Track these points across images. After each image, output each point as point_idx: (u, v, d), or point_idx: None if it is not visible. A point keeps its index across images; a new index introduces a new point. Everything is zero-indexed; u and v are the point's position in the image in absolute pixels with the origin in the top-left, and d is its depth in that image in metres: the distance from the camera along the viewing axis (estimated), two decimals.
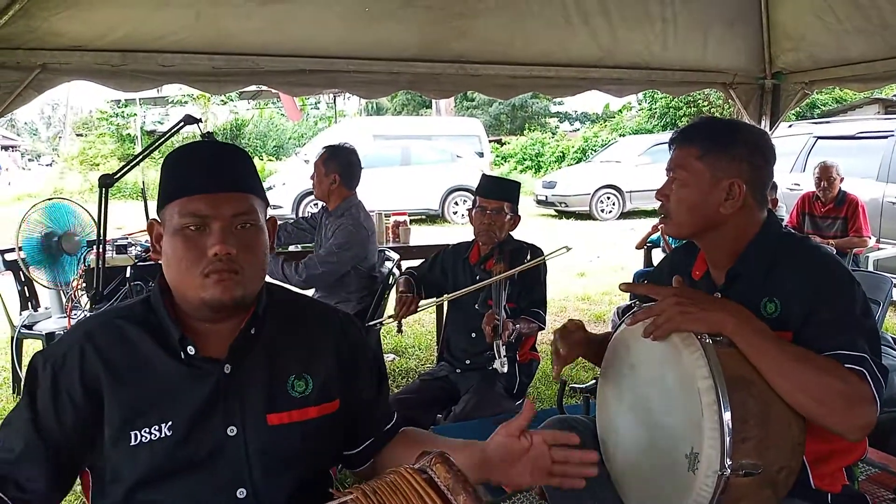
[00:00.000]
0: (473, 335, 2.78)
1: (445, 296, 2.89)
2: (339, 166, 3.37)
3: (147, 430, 1.15)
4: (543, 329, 2.79)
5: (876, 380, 1.28)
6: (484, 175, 3.02)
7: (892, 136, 7.39)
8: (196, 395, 1.18)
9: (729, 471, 1.22)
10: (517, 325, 2.55)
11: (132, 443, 1.14)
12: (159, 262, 1.23)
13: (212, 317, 1.21)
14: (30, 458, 1.12)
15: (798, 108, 5.34)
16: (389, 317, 2.79)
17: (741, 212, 1.52)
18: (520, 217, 2.86)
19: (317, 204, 3.70)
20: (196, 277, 1.16)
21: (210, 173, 1.18)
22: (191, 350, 1.19)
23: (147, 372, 1.18)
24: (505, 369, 2.38)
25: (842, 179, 5.42)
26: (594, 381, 1.83)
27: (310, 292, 3.41)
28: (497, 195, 2.80)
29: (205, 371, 1.20)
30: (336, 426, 1.30)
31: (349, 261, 3.31)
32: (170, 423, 1.16)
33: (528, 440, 1.20)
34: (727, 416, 1.23)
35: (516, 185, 2.93)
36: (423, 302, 2.88)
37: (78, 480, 1.23)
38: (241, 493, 1.19)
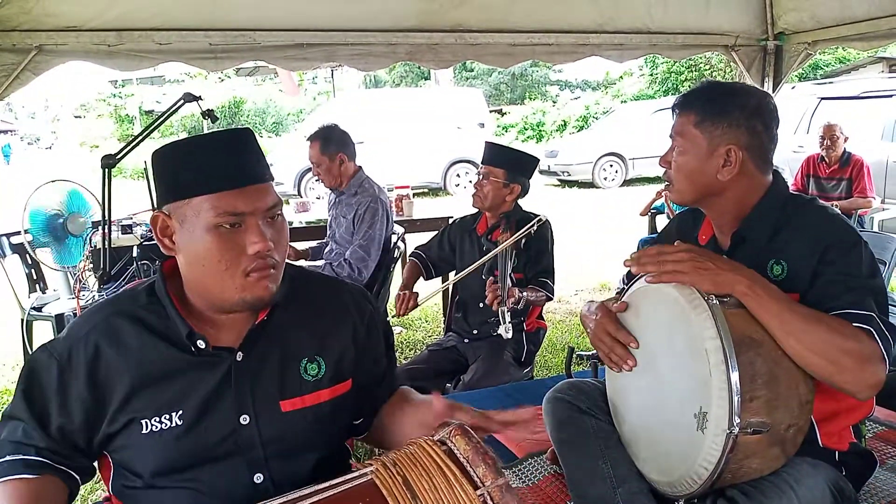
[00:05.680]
0: (481, 305, 2.78)
1: (450, 279, 2.90)
2: (338, 145, 3.36)
3: (157, 419, 1.14)
4: (552, 299, 2.77)
5: (884, 338, 1.29)
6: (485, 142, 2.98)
7: None
8: (206, 383, 1.16)
9: (737, 429, 1.24)
10: (524, 294, 2.55)
11: (143, 431, 1.14)
12: (171, 255, 1.18)
13: (240, 312, 1.18)
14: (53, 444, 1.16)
15: (801, 70, 5.26)
16: (392, 317, 2.80)
17: (742, 177, 1.51)
18: (519, 187, 2.78)
19: (317, 180, 3.67)
20: (237, 278, 1.12)
21: (238, 165, 1.12)
22: (201, 344, 1.17)
23: (155, 363, 1.16)
24: (510, 335, 2.39)
25: (846, 139, 5.38)
26: None
27: (318, 263, 3.42)
28: (487, 161, 2.78)
29: (215, 360, 1.18)
30: (349, 404, 1.30)
31: (380, 234, 3.34)
32: (179, 412, 1.15)
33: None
34: (735, 375, 1.24)
35: (511, 152, 2.88)
36: (422, 296, 2.84)
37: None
38: (258, 478, 1.18)
